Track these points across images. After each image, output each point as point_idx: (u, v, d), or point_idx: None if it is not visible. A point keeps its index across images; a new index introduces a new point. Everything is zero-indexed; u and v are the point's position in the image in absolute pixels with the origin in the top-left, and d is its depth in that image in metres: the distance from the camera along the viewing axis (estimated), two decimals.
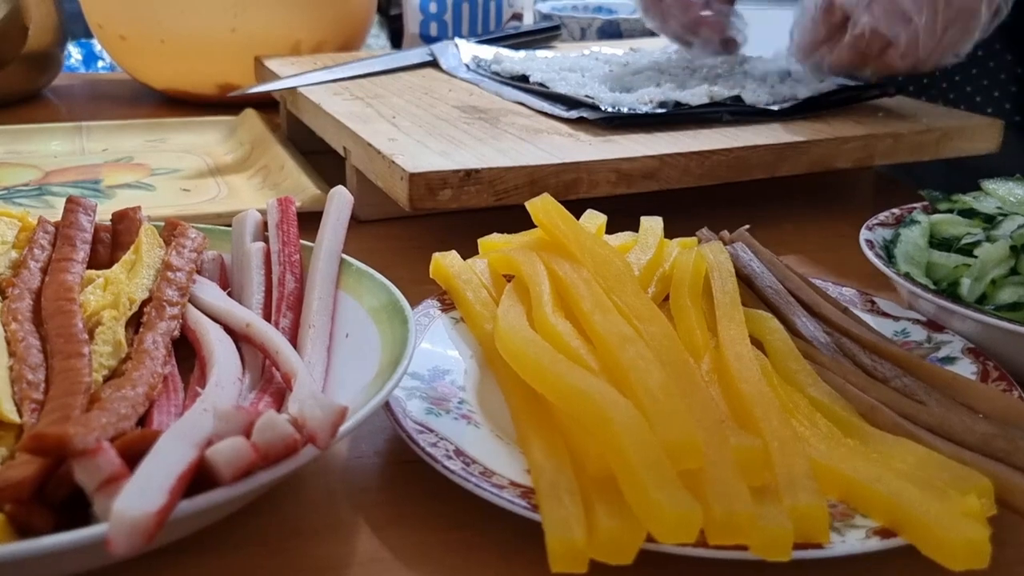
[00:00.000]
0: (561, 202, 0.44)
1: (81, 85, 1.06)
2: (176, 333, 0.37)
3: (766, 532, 0.29)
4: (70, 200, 0.44)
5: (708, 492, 0.29)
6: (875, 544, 0.30)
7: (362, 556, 0.31)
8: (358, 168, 0.59)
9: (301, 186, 0.62)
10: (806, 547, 0.29)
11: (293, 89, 0.72)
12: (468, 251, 0.47)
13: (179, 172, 0.70)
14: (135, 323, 0.38)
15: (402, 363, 0.34)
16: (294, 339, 0.38)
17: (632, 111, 0.62)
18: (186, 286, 0.39)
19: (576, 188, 0.55)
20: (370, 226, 0.60)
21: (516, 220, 0.47)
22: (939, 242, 0.50)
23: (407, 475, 0.35)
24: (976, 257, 0.46)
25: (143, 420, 0.32)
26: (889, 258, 0.48)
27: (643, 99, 0.64)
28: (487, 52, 0.82)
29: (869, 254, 0.47)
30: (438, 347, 0.41)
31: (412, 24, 1.03)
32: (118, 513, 0.23)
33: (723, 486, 0.30)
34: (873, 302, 0.47)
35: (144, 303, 0.38)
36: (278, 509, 0.33)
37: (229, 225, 0.45)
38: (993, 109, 0.80)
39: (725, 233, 0.49)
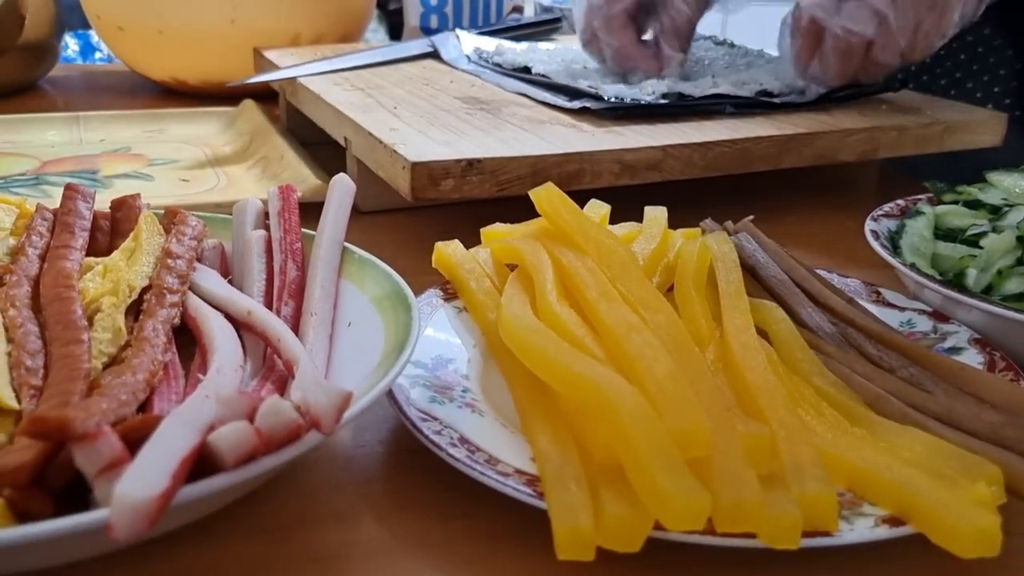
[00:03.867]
0: (564, 193, 0.44)
1: (78, 76, 1.06)
2: (176, 321, 0.37)
3: (774, 520, 0.28)
4: (68, 187, 0.43)
5: (716, 480, 0.29)
6: (884, 532, 0.29)
7: (367, 544, 0.31)
8: (359, 158, 0.59)
9: (301, 176, 0.62)
10: (814, 535, 0.29)
11: (293, 80, 0.71)
12: (471, 242, 0.46)
13: (178, 163, 0.70)
14: (135, 311, 0.37)
15: (406, 351, 0.33)
16: (296, 327, 0.38)
17: (635, 101, 0.62)
18: (186, 274, 0.39)
19: (579, 179, 0.54)
20: (371, 217, 0.60)
21: (519, 211, 0.46)
22: (944, 233, 0.50)
23: (411, 464, 0.35)
24: (982, 248, 0.46)
25: (143, 407, 0.31)
26: (894, 249, 0.48)
27: (646, 90, 0.63)
28: (489, 44, 0.81)
29: (875, 244, 0.47)
30: (441, 336, 0.41)
31: (412, 16, 1.02)
32: (119, 497, 0.23)
33: (731, 474, 0.29)
34: (878, 293, 0.47)
35: (144, 290, 0.38)
36: (281, 498, 0.33)
37: (229, 214, 0.45)
38: (993, 105, 0.79)
39: (729, 224, 0.49)
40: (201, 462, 0.26)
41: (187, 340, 0.37)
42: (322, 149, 0.68)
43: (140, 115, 0.80)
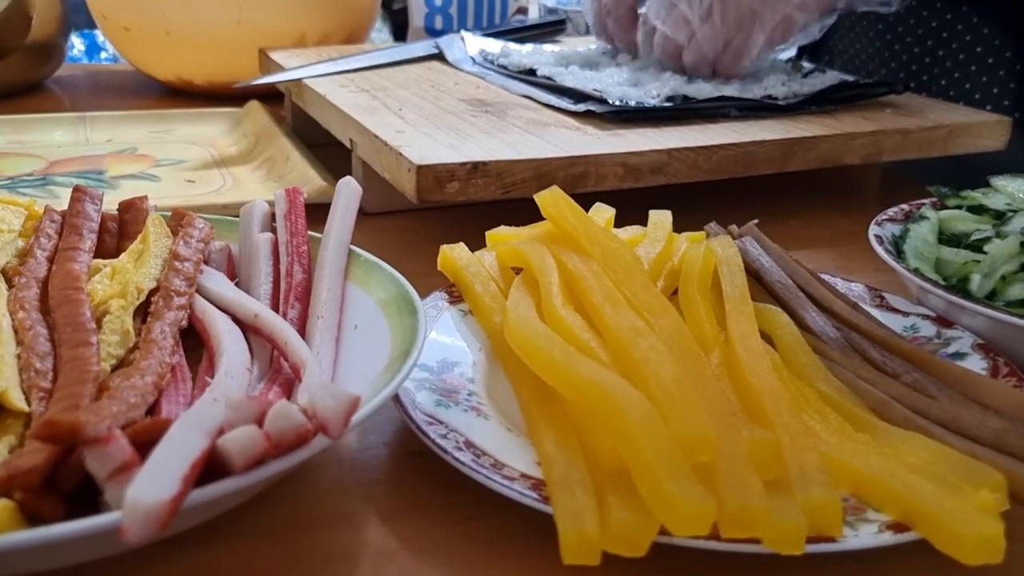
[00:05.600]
0: (569, 196, 0.44)
1: (84, 76, 1.06)
2: (184, 323, 0.37)
3: (779, 525, 0.28)
4: (77, 189, 0.44)
5: (721, 485, 0.29)
6: (888, 538, 0.29)
7: (372, 547, 0.31)
8: (364, 160, 0.59)
9: (307, 178, 0.62)
10: (819, 541, 0.29)
11: (298, 81, 0.71)
12: (476, 244, 0.46)
13: (183, 163, 0.70)
14: (143, 313, 0.37)
15: (412, 355, 0.33)
16: (302, 330, 0.38)
17: (640, 104, 0.62)
18: (194, 276, 0.39)
19: (584, 182, 0.55)
20: (376, 218, 0.60)
21: (524, 213, 0.47)
22: (948, 238, 0.50)
23: (417, 467, 0.35)
24: (986, 253, 0.46)
25: (151, 410, 0.32)
26: (898, 254, 0.48)
27: (650, 93, 0.64)
28: (494, 45, 0.81)
29: (879, 249, 0.47)
30: (447, 339, 0.41)
31: (417, 17, 1.02)
32: (131, 501, 0.23)
33: (736, 479, 0.30)
34: (882, 297, 0.47)
35: (152, 293, 0.38)
36: (288, 500, 0.33)
37: (235, 216, 0.45)
38: (993, 107, 0.79)
39: (734, 227, 0.49)
40: (210, 465, 0.26)
41: (194, 342, 0.37)
42: (327, 150, 0.68)
43: (146, 115, 0.80)
